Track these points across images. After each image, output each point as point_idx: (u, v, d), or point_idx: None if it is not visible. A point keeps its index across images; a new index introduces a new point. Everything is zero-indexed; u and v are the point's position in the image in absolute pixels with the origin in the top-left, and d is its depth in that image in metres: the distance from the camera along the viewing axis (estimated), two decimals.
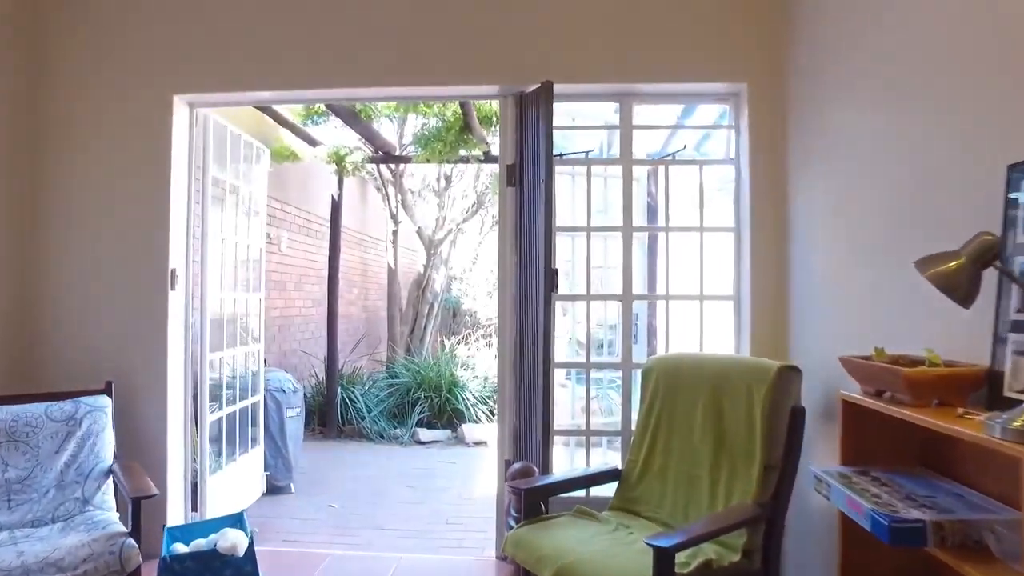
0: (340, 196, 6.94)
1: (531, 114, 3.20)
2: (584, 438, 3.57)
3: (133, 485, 2.50)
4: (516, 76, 3.24)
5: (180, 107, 3.39)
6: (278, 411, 4.84)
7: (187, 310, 3.47)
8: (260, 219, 4.53)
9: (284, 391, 4.90)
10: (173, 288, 3.33)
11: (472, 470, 5.82)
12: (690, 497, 2.64)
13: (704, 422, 2.67)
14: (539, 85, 3.11)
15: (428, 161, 6.39)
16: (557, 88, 3.06)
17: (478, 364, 8.86)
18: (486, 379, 7.81)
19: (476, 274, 13.13)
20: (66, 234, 3.36)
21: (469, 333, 10.99)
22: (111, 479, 2.79)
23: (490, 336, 11.48)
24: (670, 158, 3.55)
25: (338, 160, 6.16)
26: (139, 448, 3.23)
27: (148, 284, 3.30)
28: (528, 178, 3.23)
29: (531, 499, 2.57)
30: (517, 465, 3.00)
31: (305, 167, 7.33)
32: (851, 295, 2.52)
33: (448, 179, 9.31)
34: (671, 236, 3.64)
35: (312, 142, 6.40)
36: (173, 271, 3.32)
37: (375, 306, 10.23)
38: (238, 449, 4.00)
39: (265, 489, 4.48)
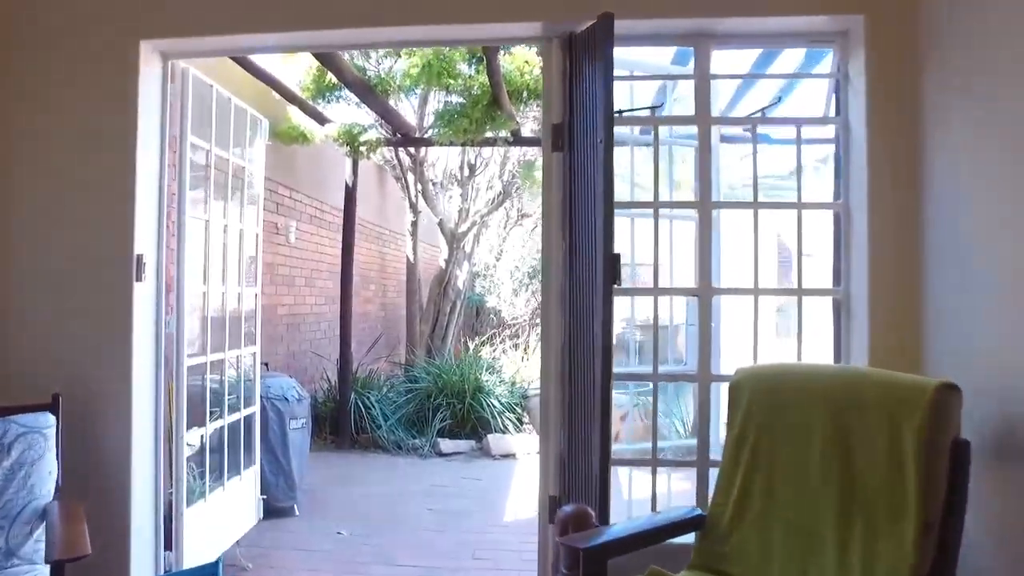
0: (354, 183, 6.32)
1: (584, 58, 2.52)
2: (646, 466, 2.88)
3: (61, 538, 1.87)
4: (565, 10, 2.56)
5: (150, 57, 2.76)
6: (280, 423, 4.22)
7: (159, 306, 2.84)
8: (257, 201, 3.91)
9: (287, 399, 4.27)
10: (140, 279, 2.70)
11: (501, 488, 5.16)
12: (807, 561, 1.95)
13: (824, 459, 1.98)
14: (595, 20, 2.44)
15: (451, 143, 5.74)
16: (616, 27, 2.38)
17: (504, 367, 8.22)
18: (513, 384, 7.15)
19: (501, 270, 12.47)
20: (5, 210, 2.74)
21: (495, 333, 10.32)
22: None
23: (517, 336, 10.81)
24: (758, 115, 2.86)
25: (351, 140, 5.52)
26: (97, 477, 2.61)
27: (109, 273, 2.67)
28: (580, 141, 2.56)
29: (593, 565, 1.90)
30: (568, 508, 2.32)
31: (317, 152, 6.72)
32: None
33: (472, 168, 8.66)
34: (744, 216, 2.94)
35: (323, 121, 5.77)
36: (139, 257, 2.69)
37: (393, 304, 9.62)
38: (227, 472, 3.37)
39: (262, 514, 3.86)
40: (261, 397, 3.99)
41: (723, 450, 2.24)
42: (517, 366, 8.32)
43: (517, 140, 6.12)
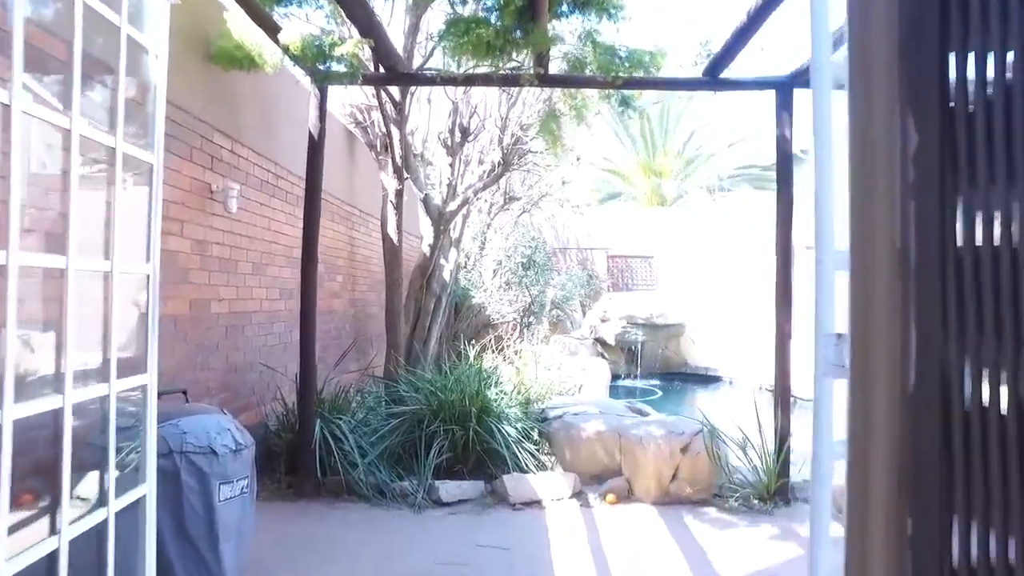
0: (321, 134, 4.63)
1: None
2: None
3: None
4: None
5: None
6: (203, 493, 2.55)
7: None
8: (152, 99, 2.22)
9: (216, 453, 2.61)
10: None
11: (542, 565, 3.56)
12: None
13: None
14: None
15: (452, 78, 4.12)
16: None
17: (503, 379, 6.64)
18: (527, 403, 5.56)
19: (485, 261, 10.84)
20: None
21: (498, 336, 8.67)
22: None
23: (503, 339, 9.20)
24: None
25: (318, 57, 3.82)
26: None
27: None
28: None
29: None
30: None
31: (270, 90, 5.01)
32: None
33: (465, 130, 7.01)
34: None
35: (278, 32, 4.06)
36: None
37: (364, 300, 7.92)
38: None
39: None
40: (168, 454, 2.33)
41: None
42: (519, 376, 6.75)
43: (545, 80, 4.53)
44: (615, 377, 10.88)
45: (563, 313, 12.55)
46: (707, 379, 11.78)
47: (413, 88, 6.12)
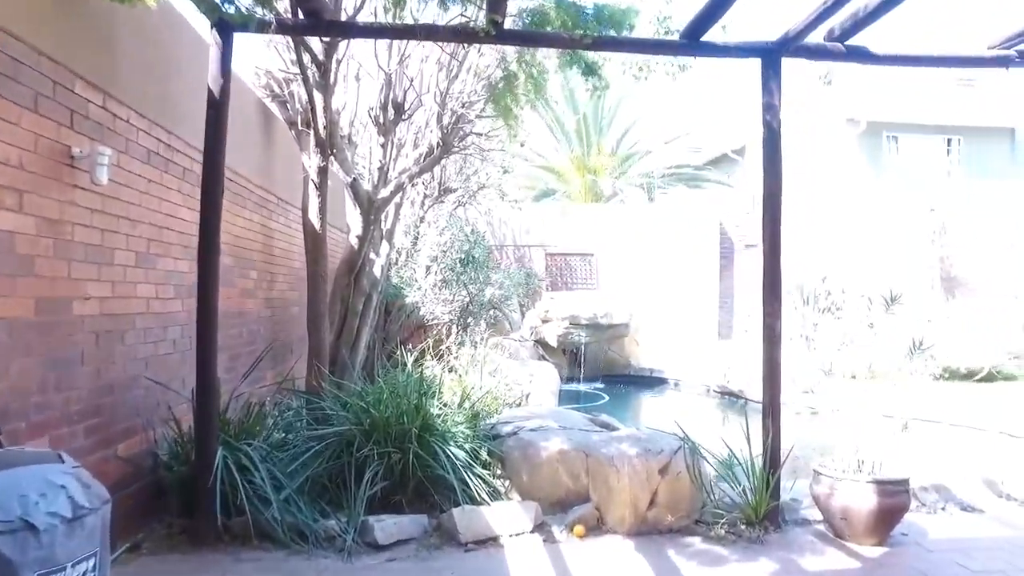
0: (224, 90, 3.72)
1: None
2: None
3: None
4: None
5: None
6: None
7: None
8: None
9: (34, 528, 1.72)
10: None
11: None
12: None
13: None
14: None
15: (390, 28, 3.32)
16: None
17: (443, 388, 5.88)
18: (476, 417, 4.79)
19: (418, 258, 9.98)
20: None
21: (437, 339, 7.83)
22: None
23: (440, 343, 8.38)
24: None
25: None
26: None
27: None
28: None
29: None
30: None
31: (169, 47, 4.06)
32: None
33: (399, 107, 6.18)
34: None
35: None
36: None
37: (283, 299, 6.94)
38: None
39: None
40: None
41: None
42: (462, 384, 5.99)
43: (502, 34, 3.80)
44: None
45: (501, 313, 11.84)
46: (652, 381, 11.34)
47: (340, 55, 5.26)
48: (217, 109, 3.73)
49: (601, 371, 11.27)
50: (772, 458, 4.01)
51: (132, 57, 3.72)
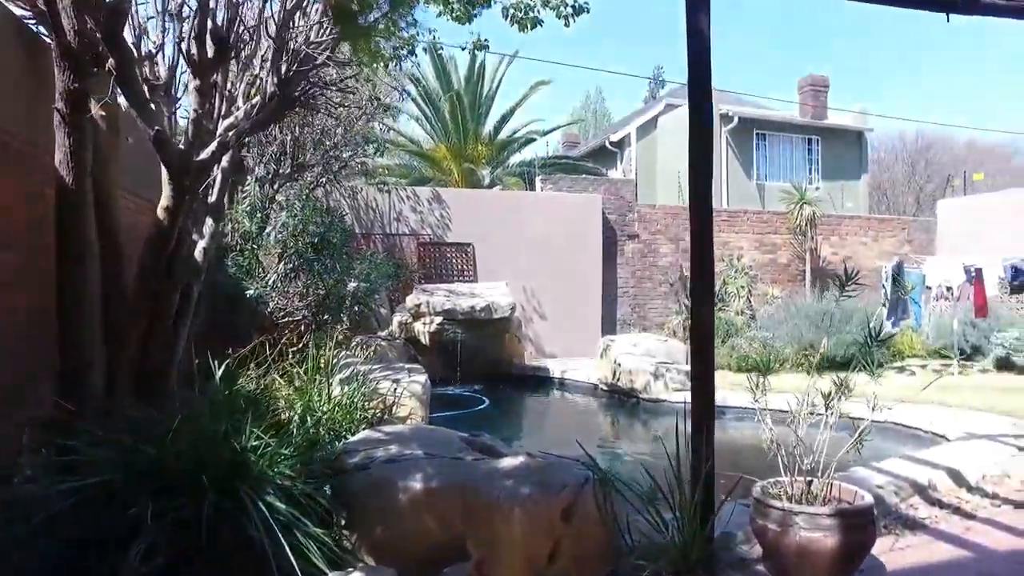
0: None
1: None
2: None
3: None
4: None
5: None
6: None
7: None
8: None
9: None
10: None
11: None
12: None
13: None
14: None
15: None
16: None
17: (281, 402, 4.61)
18: (312, 445, 3.53)
19: (271, 242, 8.41)
20: None
21: (290, 340, 6.28)
22: None
23: (295, 344, 6.92)
24: None
25: None
26: None
27: None
28: None
29: None
30: None
31: None
32: None
33: (221, 40, 4.74)
34: None
35: None
36: None
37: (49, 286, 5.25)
38: None
39: None
40: None
41: None
42: (304, 398, 4.68)
43: None
44: (433, 383, 9.10)
45: (367, 309, 10.47)
46: (537, 381, 10.44)
47: None
48: None
49: (480, 371, 10.21)
50: (707, 495, 3.09)
51: None
